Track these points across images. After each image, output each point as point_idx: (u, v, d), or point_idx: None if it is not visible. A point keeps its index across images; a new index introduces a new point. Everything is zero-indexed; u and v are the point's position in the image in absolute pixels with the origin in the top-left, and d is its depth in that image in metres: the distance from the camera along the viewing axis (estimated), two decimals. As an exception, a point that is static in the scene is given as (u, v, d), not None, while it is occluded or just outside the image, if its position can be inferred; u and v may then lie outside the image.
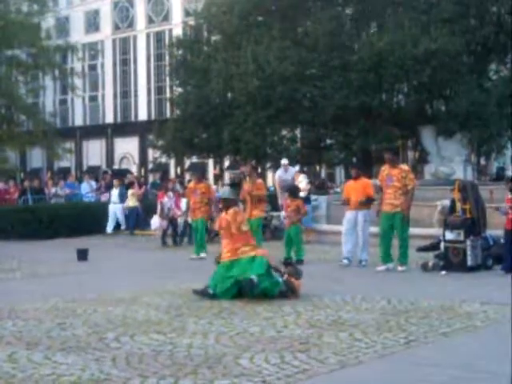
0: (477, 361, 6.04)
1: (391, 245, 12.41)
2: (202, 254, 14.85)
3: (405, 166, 13.14)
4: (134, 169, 55.84)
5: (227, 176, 46.88)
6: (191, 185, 16.05)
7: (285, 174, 19.53)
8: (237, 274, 9.38)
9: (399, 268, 12.17)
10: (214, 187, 21.33)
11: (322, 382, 5.61)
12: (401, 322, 7.60)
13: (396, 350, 6.43)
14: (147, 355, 6.38)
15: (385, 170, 12.66)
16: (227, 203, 10.21)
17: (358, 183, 13.32)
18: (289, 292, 9.32)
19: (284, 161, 20.33)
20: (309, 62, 27.71)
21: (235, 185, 19.59)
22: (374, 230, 13.08)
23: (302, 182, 18.52)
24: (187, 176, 50.86)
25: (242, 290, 9.26)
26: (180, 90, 33.74)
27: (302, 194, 16.22)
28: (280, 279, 9.41)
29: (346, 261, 13.04)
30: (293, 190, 14.40)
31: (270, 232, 18.31)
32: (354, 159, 29.26)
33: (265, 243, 14.12)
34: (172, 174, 48.81)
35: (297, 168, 20.32)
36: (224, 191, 11.50)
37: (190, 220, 16.63)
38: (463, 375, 5.63)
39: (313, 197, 19.87)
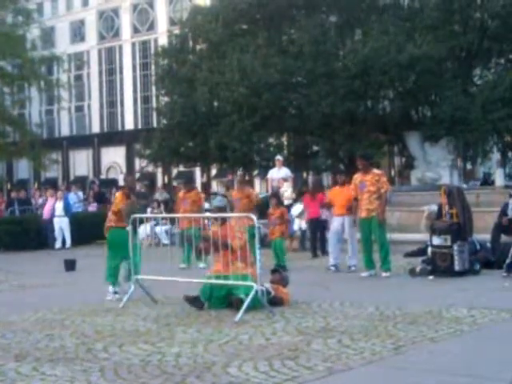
0: (464, 365, 6.06)
1: (372, 251, 12.41)
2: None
3: (377, 171, 12.97)
4: (121, 178, 55.86)
5: (215, 184, 46.88)
6: (181, 194, 15.71)
7: (278, 172, 18.96)
8: (227, 288, 9.20)
9: (383, 274, 12.12)
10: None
11: (310, 388, 5.62)
12: (389, 327, 7.61)
13: (384, 356, 6.44)
14: (136, 365, 6.36)
15: (357, 177, 12.56)
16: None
17: (344, 190, 13.34)
18: (277, 303, 9.24)
19: (278, 157, 19.75)
20: (294, 70, 27.78)
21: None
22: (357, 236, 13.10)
23: (287, 191, 18.44)
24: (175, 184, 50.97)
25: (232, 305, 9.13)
26: (166, 99, 33.76)
27: (286, 202, 16.16)
28: (268, 295, 9.32)
29: (333, 268, 13.07)
30: (278, 198, 14.37)
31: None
32: (342, 166, 29.34)
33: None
34: (159, 183, 48.79)
35: (288, 173, 19.37)
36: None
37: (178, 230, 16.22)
38: (451, 380, 5.64)
39: (301, 205, 19.70)
